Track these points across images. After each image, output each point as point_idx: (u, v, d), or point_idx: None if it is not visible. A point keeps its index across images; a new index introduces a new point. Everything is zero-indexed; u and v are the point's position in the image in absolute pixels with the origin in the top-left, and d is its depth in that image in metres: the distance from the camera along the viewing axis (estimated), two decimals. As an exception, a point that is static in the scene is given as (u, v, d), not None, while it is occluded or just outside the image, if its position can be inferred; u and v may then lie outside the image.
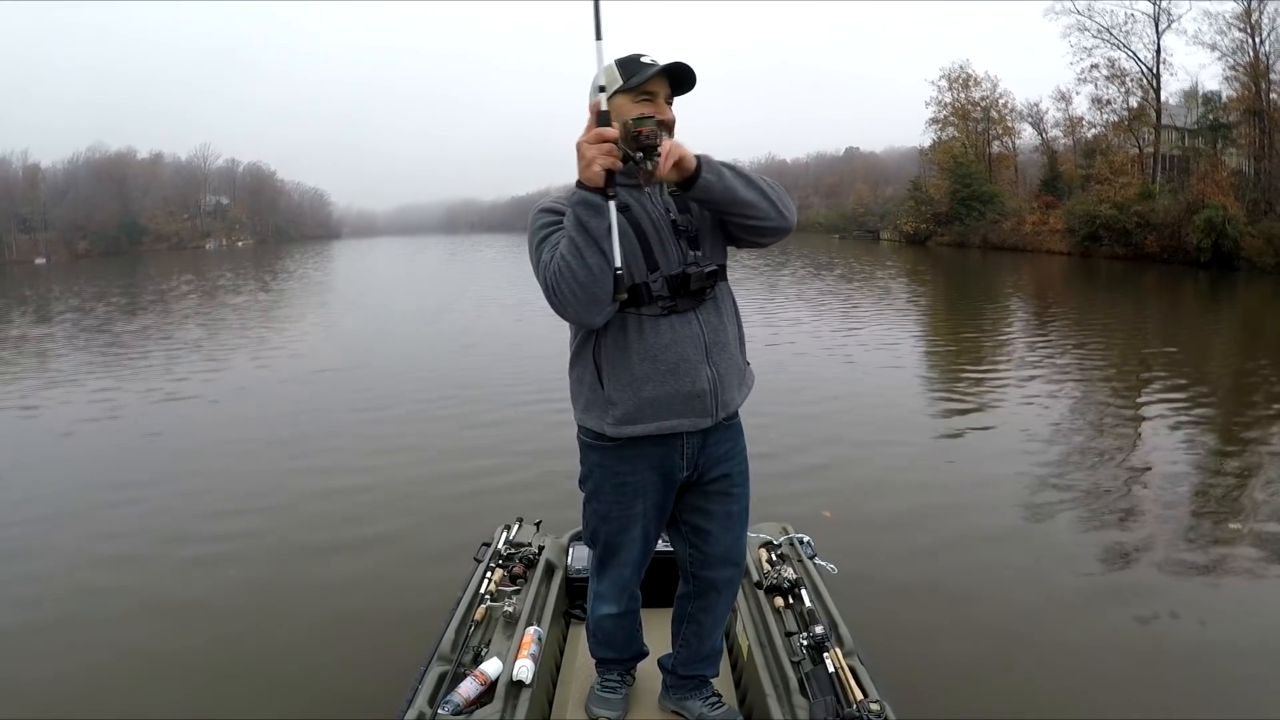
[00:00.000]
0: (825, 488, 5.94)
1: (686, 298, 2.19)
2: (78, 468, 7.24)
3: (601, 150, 1.94)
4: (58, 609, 4.49)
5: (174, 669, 3.90)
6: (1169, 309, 19.38)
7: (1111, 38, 39.52)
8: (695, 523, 2.42)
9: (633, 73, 2.11)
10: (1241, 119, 34.47)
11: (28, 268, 64.39)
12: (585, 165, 1.95)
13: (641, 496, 2.34)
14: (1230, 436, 7.39)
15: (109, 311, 21.88)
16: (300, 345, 14.37)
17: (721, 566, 2.46)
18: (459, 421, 8.36)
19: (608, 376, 2.21)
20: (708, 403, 2.23)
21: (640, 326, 2.17)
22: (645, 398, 2.18)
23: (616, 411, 2.20)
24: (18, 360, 13.68)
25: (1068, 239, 37.63)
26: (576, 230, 1.98)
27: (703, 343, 2.21)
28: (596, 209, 1.97)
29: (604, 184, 1.97)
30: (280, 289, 29.41)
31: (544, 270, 2.05)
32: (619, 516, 2.38)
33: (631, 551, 2.44)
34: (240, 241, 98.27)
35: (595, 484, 2.37)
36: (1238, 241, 28.44)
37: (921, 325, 15.83)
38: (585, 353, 2.26)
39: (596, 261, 1.98)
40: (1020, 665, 3.65)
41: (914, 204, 51.81)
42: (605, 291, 2.01)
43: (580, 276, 1.98)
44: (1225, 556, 4.75)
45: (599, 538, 2.45)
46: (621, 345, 2.18)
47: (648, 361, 2.17)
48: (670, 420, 2.21)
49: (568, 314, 2.08)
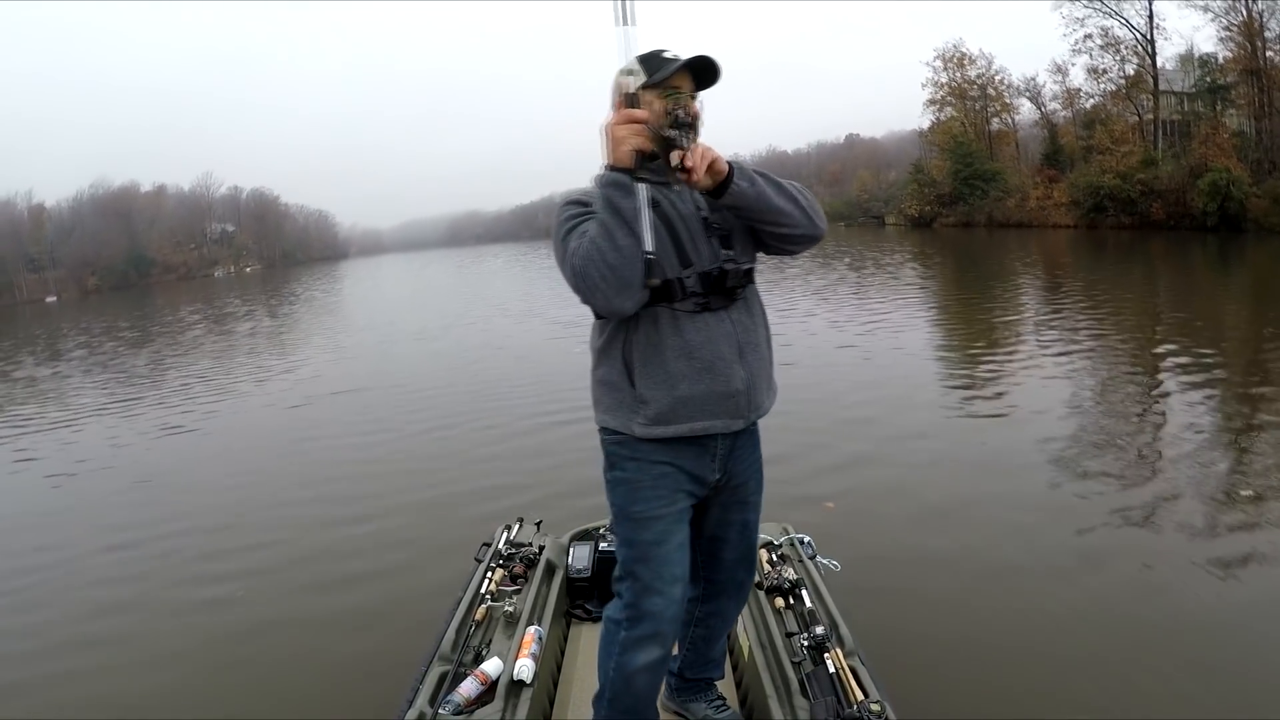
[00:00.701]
0: (829, 479, 5.88)
1: (720, 295, 2.12)
2: (77, 513, 7.15)
3: (632, 130, 1.89)
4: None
5: (176, 664, 4.01)
6: (1179, 275, 19.22)
7: (1103, 6, 39.35)
8: (712, 531, 2.36)
9: (656, 68, 2.05)
10: (1239, 79, 34.16)
11: (39, 306, 65.17)
12: (615, 145, 1.90)
13: (681, 489, 2.20)
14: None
15: (117, 346, 22.07)
16: (305, 370, 14.39)
17: (735, 572, 2.41)
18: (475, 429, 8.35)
19: (639, 374, 2.11)
20: (741, 404, 2.15)
21: (675, 322, 2.08)
22: (679, 396, 2.09)
23: (649, 411, 2.10)
24: (30, 401, 13.80)
25: (1073, 211, 37.49)
26: (606, 211, 1.91)
27: (736, 342, 2.13)
28: (626, 189, 1.90)
29: (634, 165, 1.90)
30: (287, 313, 29.56)
31: (572, 257, 1.96)
32: (662, 515, 2.18)
33: (674, 564, 2.21)
34: (248, 268, 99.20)
35: (630, 484, 2.19)
36: (1243, 203, 28.35)
37: (931, 307, 15.72)
38: (613, 350, 2.16)
39: (628, 243, 1.90)
40: (1024, 665, 3.60)
41: (917, 186, 51.79)
42: (636, 275, 1.92)
43: (610, 258, 1.90)
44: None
45: (636, 554, 2.20)
46: (654, 341, 2.09)
47: (682, 359, 2.08)
48: (704, 421, 2.12)
49: (596, 300, 1.98)
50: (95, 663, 4.21)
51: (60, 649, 4.38)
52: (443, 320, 20.49)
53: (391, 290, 38.26)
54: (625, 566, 2.22)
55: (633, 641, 2.21)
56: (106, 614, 4.80)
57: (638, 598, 2.18)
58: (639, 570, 2.18)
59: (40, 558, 5.76)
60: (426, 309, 24.90)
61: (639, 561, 2.18)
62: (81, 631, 4.58)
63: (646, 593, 2.17)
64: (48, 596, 5.13)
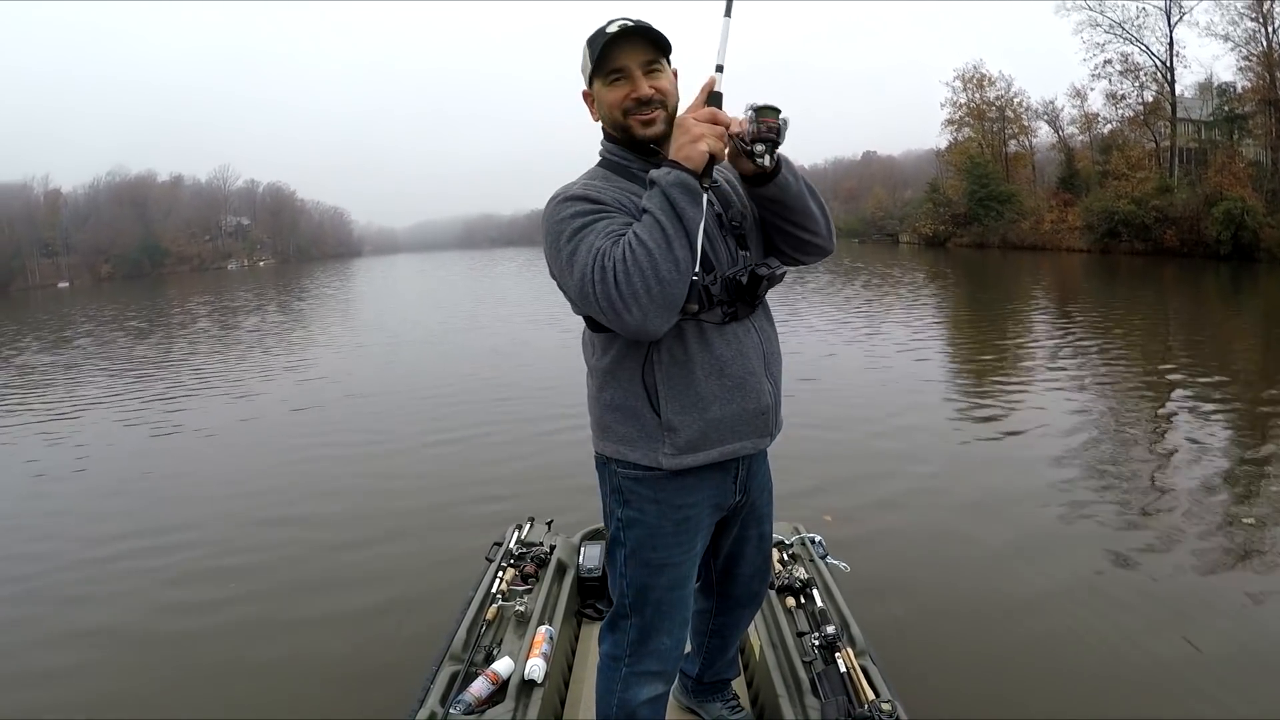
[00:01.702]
0: (836, 489, 5.91)
1: (744, 303, 1.91)
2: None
3: (714, 132, 1.69)
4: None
5: (181, 663, 4.00)
6: (1191, 303, 19.15)
7: (1124, 32, 39.34)
8: (730, 550, 2.23)
9: (595, 49, 1.82)
10: (1257, 109, 34.10)
11: (51, 291, 65.54)
12: (690, 141, 1.68)
13: (700, 533, 2.04)
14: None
15: (124, 336, 22.13)
16: (314, 370, 14.47)
17: (751, 584, 2.31)
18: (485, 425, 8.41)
19: (665, 398, 1.87)
20: (770, 420, 1.99)
21: (703, 336, 1.86)
22: (711, 419, 1.88)
23: (678, 439, 1.88)
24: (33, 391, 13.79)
25: (1086, 236, 37.38)
26: (665, 215, 1.66)
27: (762, 352, 1.96)
28: (694, 194, 1.68)
29: (703, 170, 1.70)
30: (299, 309, 29.59)
31: (600, 260, 1.69)
32: (679, 562, 2.02)
33: (686, 607, 2.10)
34: (262, 261, 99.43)
35: (648, 528, 1.98)
36: (1257, 233, 28.28)
37: (944, 327, 15.71)
38: (627, 370, 1.91)
39: (684, 256, 1.68)
40: (1032, 666, 3.63)
41: (932, 206, 51.68)
42: (682, 294, 1.70)
43: (664, 270, 1.65)
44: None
45: (649, 598, 2.03)
46: (681, 360, 1.86)
47: (714, 377, 1.87)
48: (734, 444, 1.93)
49: (629, 317, 1.68)
50: (98, 658, 4.23)
51: (58, 643, 4.39)
52: (454, 321, 20.60)
53: (406, 290, 38.29)
54: (632, 606, 2.06)
55: (635, 677, 2.10)
56: (108, 605, 4.82)
57: (644, 637, 2.07)
58: (648, 612, 2.05)
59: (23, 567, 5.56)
60: (440, 309, 24.97)
61: (649, 605, 2.04)
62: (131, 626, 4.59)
63: (655, 634, 2.06)
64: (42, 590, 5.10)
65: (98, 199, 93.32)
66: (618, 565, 2.04)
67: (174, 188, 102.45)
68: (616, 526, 2.02)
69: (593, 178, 1.90)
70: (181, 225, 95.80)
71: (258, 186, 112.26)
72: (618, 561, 2.04)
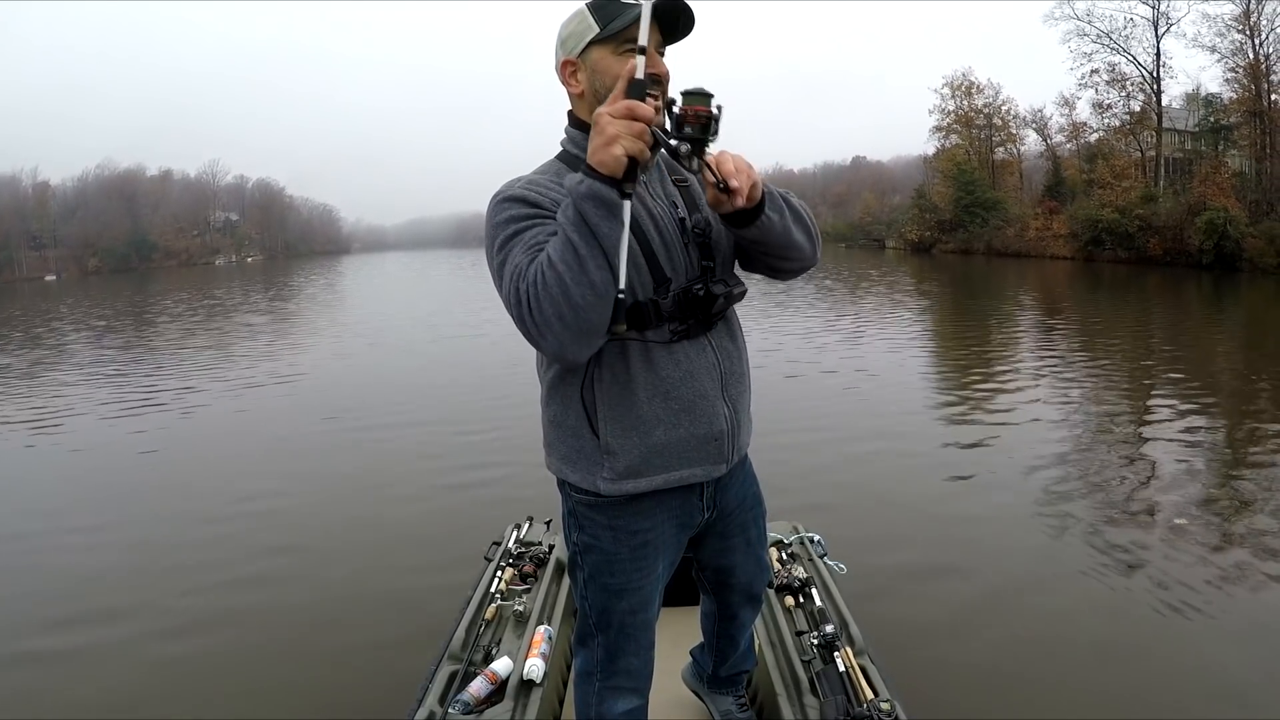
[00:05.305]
0: (834, 494, 6.00)
1: (698, 321, 1.75)
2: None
3: (631, 130, 1.41)
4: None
5: (180, 669, 3.99)
6: (1173, 311, 19.33)
7: (1111, 42, 39.55)
8: (717, 563, 2.13)
9: (612, 16, 1.63)
10: (1242, 120, 34.41)
11: (38, 284, 64.83)
12: (604, 143, 1.42)
13: (663, 554, 1.92)
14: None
15: (112, 329, 22.03)
16: (306, 363, 14.45)
17: (750, 587, 2.24)
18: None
19: (604, 419, 1.73)
20: (725, 446, 1.83)
21: (647, 356, 1.71)
22: (654, 444, 1.74)
23: (617, 464, 1.75)
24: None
25: (1071, 244, 37.56)
26: (578, 232, 1.45)
27: (719, 373, 1.79)
28: (611, 208, 1.44)
29: (623, 175, 1.44)
30: (285, 307, 29.43)
31: (516, 280, 1.53)
32: (639, 587, 1.91)
33: (649, 630, 2.02)
34: (250, 257, 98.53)
35: (604, 554, 1.88)
36: (1239, 243, 28.47)
37: (928, 335, 15.84)
38: (568, 389, 1.78)
39: (601, 278, 1.46)
40: (1031, 665, 3.71)
41: (918, 212, 51.78)
42: (604, 319, 1.50)
43: (575, 294, 1.46)
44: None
45: (612, 621, 1.94)
46: (622, 380, 1.71)
47: (658, 400, 1.72)
48: (681, 471, 1.78)
49: (545, 344, 1.55)
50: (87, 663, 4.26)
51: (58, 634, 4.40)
52: (445, 318, 20.53)
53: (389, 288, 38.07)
54: (597, 626, 1.97)
55: (609, 691, 2.03)
56: (112, 594, 4.87)
57: (612, 657, 2.00)
58: (612, 634, 1.96)
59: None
60: (430, 306, 24.90)
61: (611, 628, 1.96)
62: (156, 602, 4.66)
63: (622, 654, 1.99)
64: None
65: (86, 192, 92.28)
66: (579, 587, 1.98)
67: (163, 182, 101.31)
68: (574, 550, 1.94)
69: (542, 172, 1.74)
70: (170, 220, 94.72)
71: (247, 182, 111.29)
72: (579, 583, 1.97)
